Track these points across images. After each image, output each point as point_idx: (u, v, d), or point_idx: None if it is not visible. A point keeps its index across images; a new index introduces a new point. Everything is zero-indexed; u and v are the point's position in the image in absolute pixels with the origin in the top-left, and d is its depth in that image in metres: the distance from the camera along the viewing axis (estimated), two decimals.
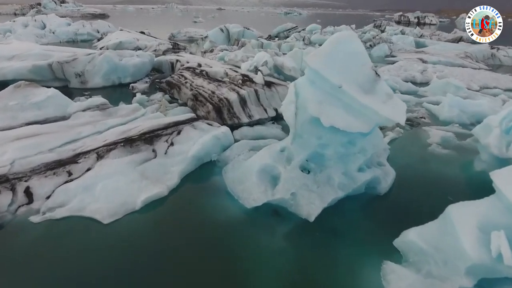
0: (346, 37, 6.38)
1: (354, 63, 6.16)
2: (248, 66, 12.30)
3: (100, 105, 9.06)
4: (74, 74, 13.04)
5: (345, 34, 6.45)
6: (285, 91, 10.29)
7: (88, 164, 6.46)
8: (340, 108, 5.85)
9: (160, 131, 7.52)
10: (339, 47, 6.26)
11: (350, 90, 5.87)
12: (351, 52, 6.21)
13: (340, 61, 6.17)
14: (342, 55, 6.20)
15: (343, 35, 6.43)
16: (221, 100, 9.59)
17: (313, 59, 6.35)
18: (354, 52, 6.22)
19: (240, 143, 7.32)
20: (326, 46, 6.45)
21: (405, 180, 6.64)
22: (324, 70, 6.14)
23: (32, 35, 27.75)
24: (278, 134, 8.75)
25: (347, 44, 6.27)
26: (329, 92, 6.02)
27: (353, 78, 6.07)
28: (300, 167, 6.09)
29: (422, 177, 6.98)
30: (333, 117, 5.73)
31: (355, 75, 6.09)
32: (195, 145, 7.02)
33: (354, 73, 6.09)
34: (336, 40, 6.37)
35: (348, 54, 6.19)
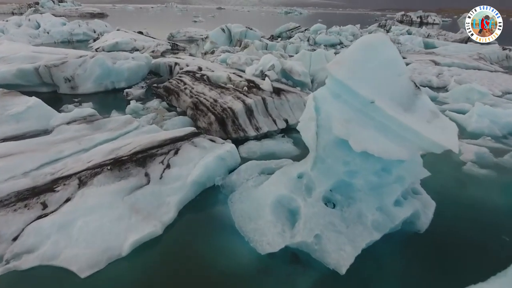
0: (378, 41, 5.31)
1: (388, 73, 5.09)
2: (253, 70, 11.22)
3: (87, 117, 7.97)
4: (64, 78, 11.96)
5: (376, 38, 5.38)
6: (296, 99, 9.24)
7: (68, 193, 5.38)
8: (373, 129, 4.78)
9: (155, 149, 6.44)
10: (370, 53, 5.20)
11: (385, 106, 4.80)
12: (385, 59, 5.15)
13: (371, 71, 5.10)
14: (373, 63, 5.14)
15: (374, 38, 5.36)
16: (224, 110, 8.51)
17: (338, 68, 5.29)
18: (388, 60, 5.16)
19: (248, 165, 6.24)
20: (353, 51, 5.39)
21: (446, 212, 5.57)
22: (352, 82, 5.08)
23: (25, 35, 26.66)
24: (290, 151, 7.68)
25: (379, 50, 5.20)
26: (359, 109, 4.96)
27: (388, 91, 5.00)
28: (323, 199, 5.02)
29: (465, 206, 5.91)
30: (365, 140, 4.66)
31: (390, 88, 5.02)
32: (196, 168, 5.95)
33: (389, 85, 5.03)
34: (365, 45, 5.30)
35: (380, 62, 5.13)
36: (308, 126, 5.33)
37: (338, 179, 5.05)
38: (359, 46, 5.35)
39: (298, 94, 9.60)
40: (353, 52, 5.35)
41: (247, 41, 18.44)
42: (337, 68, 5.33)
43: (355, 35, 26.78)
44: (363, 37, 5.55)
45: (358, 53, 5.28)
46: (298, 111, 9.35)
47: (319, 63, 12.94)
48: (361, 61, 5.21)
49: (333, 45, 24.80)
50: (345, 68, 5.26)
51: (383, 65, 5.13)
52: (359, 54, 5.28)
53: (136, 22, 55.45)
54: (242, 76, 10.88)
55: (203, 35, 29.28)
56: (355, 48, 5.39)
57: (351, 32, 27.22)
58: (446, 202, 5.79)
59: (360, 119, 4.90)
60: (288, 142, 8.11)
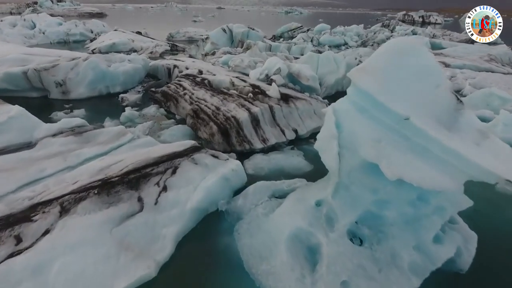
0: (411, 46, 4.52)
1: (424, 84, 4.31)
2: (258, 74, 10.42)
3: (75, 128, 7.17)
4: (55, 83, 11.16)
5: (409, 41, 4.60)
6: (306, 107, 8.45)
7: (47, 224, 4.59)
8: (409, 152, 3.99)
9: (150, 168, 5.65)
10: (402, 60, 4.42)
11: (423, 124, 4.02)
12: (420, 67, 4.37)
13: (404, 81, 4.33)
14: (406, 71, 4.37)
15: (407, 42, 4.58)
16: (228, 119, 7.72)
17: (364, 77, 4.50)
18: (423, 68, 4.38)
19: (256, 187, 5.44)
20: (381, 57, 4.61)
21: (488, 245, 4.78)
22: (382, 94, 4.30)
23: (20, 35, 25.87)
24: (301, 166, 6.88)
25: (413, 56, 4.43)
26: (390, 126, 4.17)
27: (425, 105, 4.22)
28: (348, 233, 4.24)
29: (506, 235, 5.12)
30: (400, 165, 3.87)
31: (427, 102, 4.24)
32: (197, 191, 5.15)
33: (426, 99, 4.24)
34: (396, 50, 4.53)
35: (415, 71, 4.35)
36: (328, 145, 4.54)
37: (365, 210, 4.26)
38: (389, 51, 4.57)
39: (308, 101, 8.81)
40: (382, 59, 4.57)
41: (250, 42, 17.65)
42: (363, 77, 4.54)
43: (360, 35, 25.99)
44: (393, 40, 4.76)
45: (388, 60, 4.50)
46: (308, 119, 8.57)
47: (327, 66, 12.16)
48: (392, 69, 4.43)
49: (337, 45, 24.01)
50: (373, 77, 4.47)
51: (418, 74, 4.35)
52: (389, 60, 4.50)
53: (135, 22, 54.65)
54: (246, 80, 10.08)
55: (203, 35, 28.50)
56: (384, 54, 4.61)
57: (356, 32, 26.43)
58: (486, 232, 5.00)
59: (393, 139, 4.11)
60: (299, 156, 7.31)
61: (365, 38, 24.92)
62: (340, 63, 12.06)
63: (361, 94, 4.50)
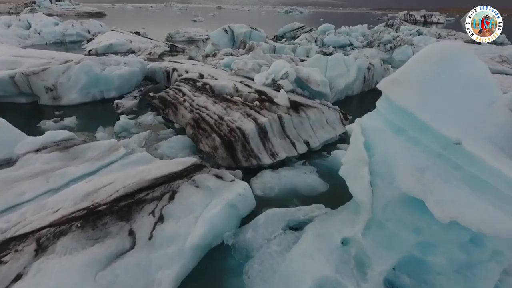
0: (456, 52, 3.76)
1: (476, 100, 3.56)
2: (263, 78, 9.65)
3: (61, 142, 6.40)
4: (44, 88, 10.39)
5: (452, 47, 3.83)
6: (317, 116, 7.68)
7: (19, 266, 3.82)
8: (462, 186, 3.22)
9: (144, 193, 4.87)
10: (446, 70, 3.66)
11: (478, 150, 3.26)
12: (469, 78, 3.62)
13: (450, 96, 3.58)
14: (452, 84, 3.62)
15: (450, 48, 3.82)
16: (232, 130, 6.95)
17: (400, 91, 3.74)
18: (473, 80, 3.62)
19: (268, 216, 4.67)
20: (419, 66, 3.85)
21: None
22: (425, 112, 3.55)
23: (15, 36, 25.04)
24: (316, 185, 6.11)
25: (460, 65, 3.67)
26: (437, 152, 3.41)
27: (479, 126, 3.47)
28: (385, 282, 3.47)
29: None
30: (453, 204, 3.11)
31: (480, 122, 3.49)
32: (199, 224, 4.38)
33: (479, 118, 3.49)
34: (437, 57, 3.76)
35: (463, 83, 3.61)
36: (357, 172, 3.76)
37: (406, 254, 3.50)
38: (429, 59, 3.81)
39: (320, 110, 8.03)
40: (421, 68, 3.80)
41: (252, 43, 16.86)
42: (398, 90, 3.77)
43: (365, 36, 25.20)
44: (432, 45, 3.99)
45: (429, 69, 3.74)
46: (320, 130, 7.79)
47: (336, 69, 11.38)
48: (434, 81, 3.67)
49: (342, 46, 23.23)
50: (410, 91, 3.70)
51: (467, 87, 3.59)
52: (430, 70, 3.73)
53: (134, 22, 53.87)
54: (251, 86, 9.31)
55: (203, 35, 27.73)
56: (423, 62, 3.84)
57: (361, 33, 25.64)
58: None
59: (440, 169, 3.34)
60: (312, 173, 6.54)
61: (370, 39, 24.14)
62: (351, 66, 11.30)
63: (397, 111, 3.74)
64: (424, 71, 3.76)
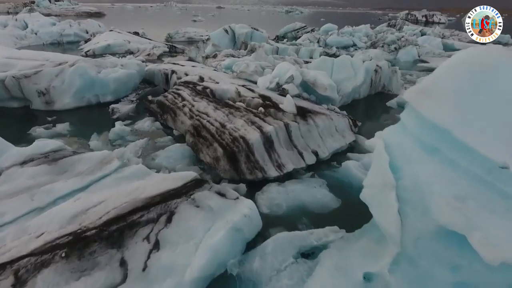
0: (498, 59, 3.25)
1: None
2: (267, 82, 9.14)
3: (50, 153, 5.89)
4: (37, 92, 9.88)
5: (492, 53, 3.32)
6: (326, 123, 7.17)
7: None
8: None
9: (138, 214, 4.36)
10: (485, 80, 3.20)
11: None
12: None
13: (491, 110, 3.08)
14: (493, 96, 3.12)
15: (489, 54, 3.32)
16: (235, 140, 6.43)
17: (430, 103, 3.26)
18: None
19: (276, 242, 4.16)
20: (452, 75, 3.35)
21: None
22: (463, 129, 3.04)
23: (11, 36, 24.52)
24: (327, 201, 5.60)
25: (504, 74, 3.15)
26: (479, 178, 2.90)
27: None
28: None
29: None
30: (503, 242, 2.60)
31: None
32: (200, 252, 3.86)
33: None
34: (477, 65, 3.28)
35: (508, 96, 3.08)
36: (382, 198, 3.25)
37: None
38: (466, 67, 3.31)
39: (328, 116, 7.51)
40: (456, 77, 3.30)
41: (254, 44, 16.35)
42: (430, 103, 3.27)
43: (369, 36, 24.68)
44: (467, 51, 3.48)
45: (466, 79, 3.24)
46: (329, 138, 7.28)
47: (343, 72, 10.86)
48: (473, 93, 3.17)
49: (346, 47, 22.71)
50: (445, 104, 3.20)
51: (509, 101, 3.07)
52: (467, 80, 3.23)
53: (133, 22, 53.38)
54: (254, 90, 8.80)
55: (203, 36, 27.22)
56: (458, 70, 3.34)
57: (364, 33, 25.12)
58: None
59: (485, 197, 2.83)
60: (322, 187, 6.03)
61: (374, 39, 23.61)
62: (358, 68, 10.78)
63: (428, 127, 3.24)
64: (460, 80, 3.26)
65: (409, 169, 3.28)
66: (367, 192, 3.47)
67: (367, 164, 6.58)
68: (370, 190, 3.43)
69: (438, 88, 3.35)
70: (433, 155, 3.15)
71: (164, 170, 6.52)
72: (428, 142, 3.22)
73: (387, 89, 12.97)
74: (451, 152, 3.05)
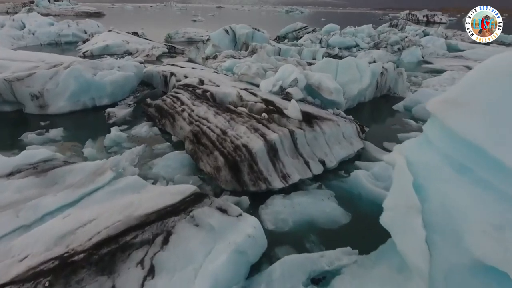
0: None
1: None
2: (270, 85, 8.75)
3: (39, 164, 5.50)
4: (30, 95, 9.49)
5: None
6: (333, 129, 6.79)
7: None
8: None
9: (132, 234, 3.97)
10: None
11: None
12: None
13: None
14: None
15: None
16: (237, 148, 6.05)
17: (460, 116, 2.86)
18: None
19: (284, 266, 3.76)
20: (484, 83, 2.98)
21: None
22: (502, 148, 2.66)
23: (8, 37, 24.14)
24: (336, 216, 5.21)
25: None
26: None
27: None
28: None
29: None
30: None
31: None
32: (199, 279, 3.47)
33: None
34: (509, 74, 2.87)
35: None
36: (406, 223, 2.87)
37: None
38: (502, 75, 2.91)
39: (335, 122, 7.13)
40: (489, 86, 2.91)
41: (255, 45, 15.96)
42: (459, 115, 2.89)
43: (371, 36, 24.29)
44: (500, 57, 3.09)
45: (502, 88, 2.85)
46: (337, 146, 6.89)
47: (348, 74, 10.47)
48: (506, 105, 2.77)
49: (348, 47, 22.32)
50: (478, 117, 2.81)
51: None
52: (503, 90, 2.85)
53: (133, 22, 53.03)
54: (257, 94, 8.41)
55: (203, 36, 26.84)
56: (491, 78, 2.95)
57: (367, 33, 24.72)
58: None
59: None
60: (330, 199, 5.64)
61: (377, 40, 23.22)
62: (364, 71, 10.39)
63: (458, 143, 2.85)
64: (491, 90, 2.87)
65: (436, 190, 2.90)
66: (388, 215, 3.08)
67: (377, 174, 6.20)
68: (392, 214, 3.05)
69: (467, 99, 2.96)
70: (464, 175, 2.77)
71: (161, 180, 6.14)
72: (458, 160, 2.84)
73: (392, 91, 12.60)
74: (486, 172, 2.67)
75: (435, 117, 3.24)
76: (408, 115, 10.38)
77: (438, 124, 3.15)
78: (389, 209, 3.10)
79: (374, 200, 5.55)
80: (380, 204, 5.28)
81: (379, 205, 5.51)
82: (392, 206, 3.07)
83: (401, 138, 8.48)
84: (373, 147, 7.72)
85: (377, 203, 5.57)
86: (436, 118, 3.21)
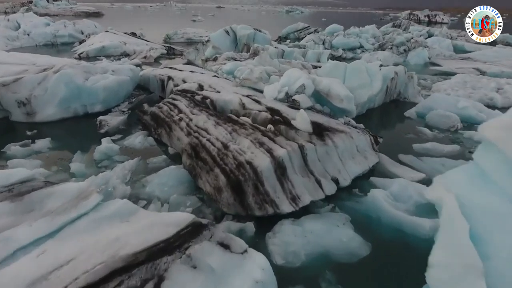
0: None
1: None
2: (275, 92, 8.09)
3: (15, 186, 4.84)
4: (16, 102, 8.84)
5: None
6: (346, 142, 6.13)
7: None
8: None
9: (116, 280, 3.31)
10: None
11: None
12: None
13: None
14: None
15: None
16: (240, 166, 5.38)
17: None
18: None
19: None
20: None
21: None
22: None
23: (2, 37, 23.53)
24: (355, 247, 4.54)
25: None
26: None
27: None
28: None
29: None
30: None
31: None
32: None
33: None
34: None
35: None
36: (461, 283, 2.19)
37: None
38: None
39: (348, 134, 6.45)
40: None
41: (257, 47, 15.31)
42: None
43: (376, 37, 23.63)
44: None
45: None
46: (350, 161, 6.23)
47: (357, 79, 9.81)
48: None
49: (352, 48, 21.67)
50: None
51: None
52: None
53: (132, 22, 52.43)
54: (261, 101, 7.74)
55: (203, 36, 26.19)
56: None
57: (371, 34, 24.06)
58: None
59: None
60: (346, 225, 4.97)
61: (382, 40, 22.57)
62: (374, 75, 9.74)
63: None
64: None
65: (503, 243, 2.24)
66: (438, 275, 2.41)
67: (396, 194, 5.55)
68: (444, 274, 2.37)
69: None
70: None
71: (155, 201, 5.49)
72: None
73: (402, 96, 11.95)
74: None
75: (490, 145, 2.57)
76: (422, 122, 9.72)
77: (497, 155, 2.49)
78: (437, 266, 2.43)
79: (395, 226, 4.93)
80: (402, 230, 4.62)
81: (401, 232, 4.88)
82: (443, 263, 2.40)
83: (416, 149, 7.85)
84: (388, 160, 7.07)
85: (398, 229, 4.94)
86: (492, 147, 2.54)
